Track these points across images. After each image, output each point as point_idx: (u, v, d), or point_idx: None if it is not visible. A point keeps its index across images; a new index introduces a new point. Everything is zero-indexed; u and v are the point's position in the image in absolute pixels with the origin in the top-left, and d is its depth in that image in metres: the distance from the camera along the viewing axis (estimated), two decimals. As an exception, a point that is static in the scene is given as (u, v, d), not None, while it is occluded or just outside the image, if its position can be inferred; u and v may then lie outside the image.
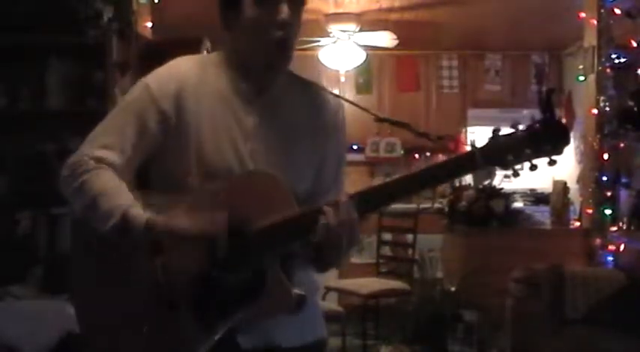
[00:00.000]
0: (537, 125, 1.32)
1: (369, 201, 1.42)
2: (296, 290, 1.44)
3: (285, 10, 1.50)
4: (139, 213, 1.44)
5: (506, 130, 1.36)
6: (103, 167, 1.48)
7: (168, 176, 1.54)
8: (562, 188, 4.95)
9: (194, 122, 1.52)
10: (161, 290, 1.45)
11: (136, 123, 1.51)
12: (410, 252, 5.17)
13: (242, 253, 1.43)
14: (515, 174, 1.38)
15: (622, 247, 4.27)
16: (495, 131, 1.36)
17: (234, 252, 1.43)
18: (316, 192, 1.62)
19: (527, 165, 1.36)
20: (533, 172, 1.40)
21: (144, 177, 1.57)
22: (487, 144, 1.35)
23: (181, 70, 1.57)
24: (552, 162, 1.34)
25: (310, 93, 1.66)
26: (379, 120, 1.75)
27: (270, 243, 1.43)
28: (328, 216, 1.39)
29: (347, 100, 1.71)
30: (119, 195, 1.46)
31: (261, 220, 1.43)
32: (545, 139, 1.31)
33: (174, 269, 1.44)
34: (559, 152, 1.33)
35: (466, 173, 1.41)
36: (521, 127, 1.34)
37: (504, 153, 1.34)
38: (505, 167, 1.36)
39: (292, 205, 1.46)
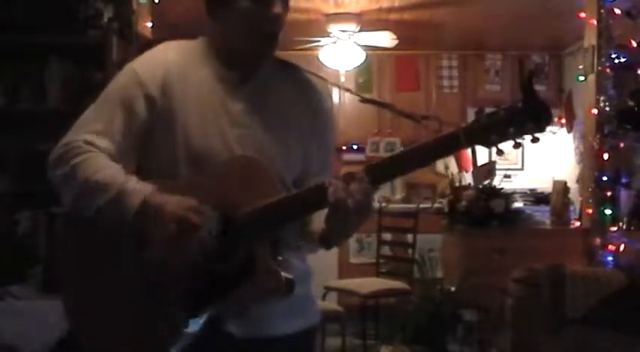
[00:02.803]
0: (519, 104, 1.33)
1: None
2: (285, 275, 1.44)
3: (278, 5, 1.52)
4: (136, 186, 1.43)
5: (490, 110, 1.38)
6: (95, 150, 1.48)
7: (156, 164, 1.54)
8: (562, 188, 4.95)
9: (180, 107, 1.52)
10: (149, 277, 1.45)
11: (123, 110, 1.51)
12: (410, 252, 5.17)
13: (231, 239, 1.43)
14: (500, 153, 1.39)
15: (622, 247, 4.27)
16: (479, 112, 1.37)
17: (223, 237, 1.43)
18: (303, 178, 1.62)
19: (510, 143, 1.37)
20: (532, 171, 1.40)
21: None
22: (471, 124, 1.36)
23: (168, 56, 1.57)
24: (535, 140, 1.35)
25: (296, 77, 1.66)
26: (363, 101, 1.75)
27: (262, 225, 1.43)
28: (338, 187, 1.37)
29: (332, 83, 1.71)
30: (113, 172, 1.46)
31: (248, 205, 1.43)
32: (528, 117, 1.33)
33: (163, 255, 1.43)
34: (542, 129, 1.34)
35: (450, 153, 1.41)
36: (503, 107, 1.35)
37: (488, 132, 1.35)
38: (489, 146, 1.37)
39: (278, 188, 1.46)
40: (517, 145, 1.37)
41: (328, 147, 1.69)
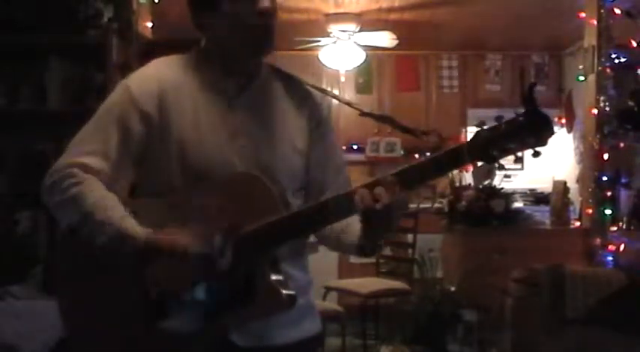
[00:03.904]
0: (520, 118, 1.32)
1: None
2: (286, 292, 1.44)
3: (265, 1, 1.50)
4: (134, 228, 1.43)
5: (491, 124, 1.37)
6: (91, 178, 1.47)
7: (154, 180, 1.53)
8: (562, 188, 4.95)
9: (176, 123, 1.51)
10: (150, 296, 1.45)
11: (119, 128, 1.50)
12: (410, 252, 5.17)
13: (232, 258, 1.42)
14: (501, 167, 1.38)
15: (622, 247, 4.27)
16: (480, 126, 1.36)
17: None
18: (316, 189, 1.63)
19: (511, 157, 1.36)
20: (532, 171, 1.40)
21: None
22: (472, 139, 1.35)
23: (162, 72, 1.56)
24: (537, 154, 1.34)
25: (294, 87, 1.65)
26: (363, 114, 1.75)
27: (262, 245, 1.43)
28: (363, 194, 1.37)
29: (331, 94, 1.71)
30: (111, 208, 1.44)
31: (248, 223, 1.42)
32: (529, 132, 1.31)
33: (163, 277, 1.44)
34: (543, 143, 1.32)
35: (452, 169, 1.41)
36: (504, 121, 1.34)
37: (489, 148, 1.34)
38: (490, 162, 1.36)
39: (278, 206, 1.45)
40: (518, 160, 1.36)
41: (334, 157, 1.69)
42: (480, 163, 1.39)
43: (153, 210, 1.48)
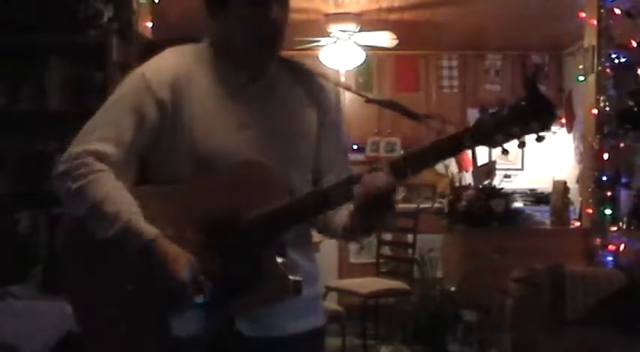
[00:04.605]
0: (523, 103, 1.32)
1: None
2: (293, 277, 1.45)
3: (275, 8, 1.52)
4: (141, 227, 1.43)
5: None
6: (104, 169, 1.47)
7: (162, 167, 1.53)
8: (562, 188, 4.95)
9: (187, 111, 1.52)
10: (157, 283, 1.45)
11: (133, 115, 1.50)
12: (410, 251, 5.17)
13: (237, 244, 1.44)
14: (505, 152, 1.38)
15: (622, 247, 4.27)
16: (482, 111, 1.37)
17: (230, 243, 1.43)
18: (320, 177, 1.64)
19: (515, 142, 1.36)
20: (532, 171, 1.40)
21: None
22: (475, 124, 1.36)
23: (175, 61, 1.58)
24: (540, 139, 1.34)
25: (303, 76, 1.67)
26: (368, 100, 1.77)
27: (267, 230, 1.44)
28: (365, 181, 1.38)
29: (335, 82, 1.72)
30: (121, 203, 1.45)
31: (253, 210, 1.43)
32: (532, 116, 1.32)
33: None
34: (547, 128, 1.33)
35: (454, 154, 1.41)
36: (507, 106, 1.34)
37: (492, 132, 1.35)
38: (493, 146, 1.36)
39: (283, 193, 1.46)
40: (522, 144, 1.36)
41: (342, 144, 1.71)
42: (480, 163, 1.40)
43: (155, 198, 1.49)
